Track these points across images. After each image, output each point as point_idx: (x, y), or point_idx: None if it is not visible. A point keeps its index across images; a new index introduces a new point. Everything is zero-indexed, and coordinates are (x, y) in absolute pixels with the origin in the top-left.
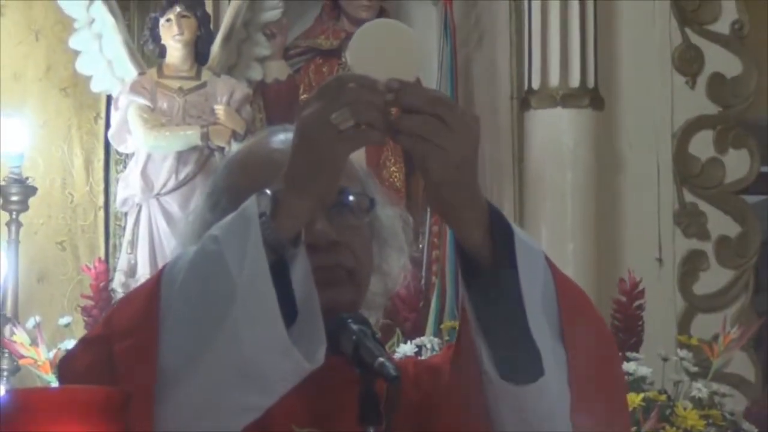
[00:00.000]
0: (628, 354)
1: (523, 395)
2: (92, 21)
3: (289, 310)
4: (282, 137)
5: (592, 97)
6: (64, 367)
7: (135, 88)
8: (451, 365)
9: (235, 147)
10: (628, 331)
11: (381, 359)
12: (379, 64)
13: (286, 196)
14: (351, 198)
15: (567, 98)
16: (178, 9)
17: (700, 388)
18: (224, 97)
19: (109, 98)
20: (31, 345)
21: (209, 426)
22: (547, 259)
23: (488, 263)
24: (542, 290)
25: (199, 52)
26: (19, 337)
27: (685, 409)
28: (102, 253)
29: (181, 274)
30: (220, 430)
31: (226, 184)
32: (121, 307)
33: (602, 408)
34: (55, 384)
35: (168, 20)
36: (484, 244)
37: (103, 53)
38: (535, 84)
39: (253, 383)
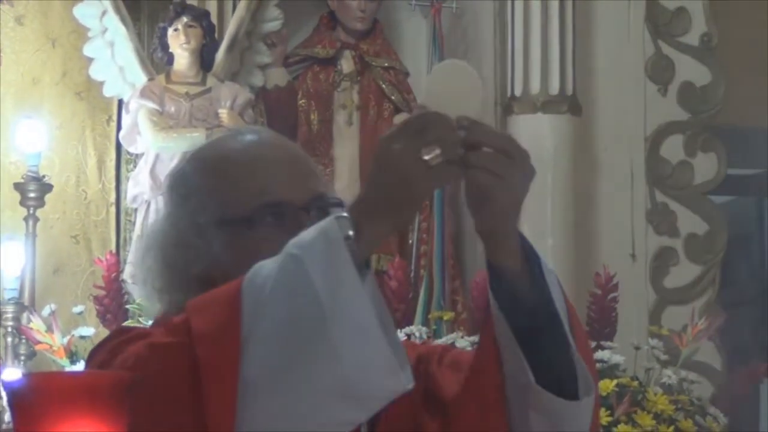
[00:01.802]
0: (603, 343)
1: (571, 409)
2: (105, 30)
3: None
4: (255, 137)
5: (571, 103)
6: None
7: (145, 93)
8: (470, 370)
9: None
10: (603, 322)
11: None
12: (450, 102)
13: (365, 222)
14: (329, 203)
15: (547, 104)
16: (185, 19)
17: (670, 375)
18: (228, 102)
19: (120, 102)
20: (46, 332)
21: None
22: (559, 281)
23: (525, 287)
24: (563, 309)
25: (204, 59)
26: (35, 324)
27: (655, 394)
28: (113, 247)
29: (265, 291)
30: None
31: (210, 185)
32: (199, 316)
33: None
34: (69, 368)
35: (176, 30)
36: (519, 268)
37: (115, 60)
38: (518, 91)
39: (352, 400)
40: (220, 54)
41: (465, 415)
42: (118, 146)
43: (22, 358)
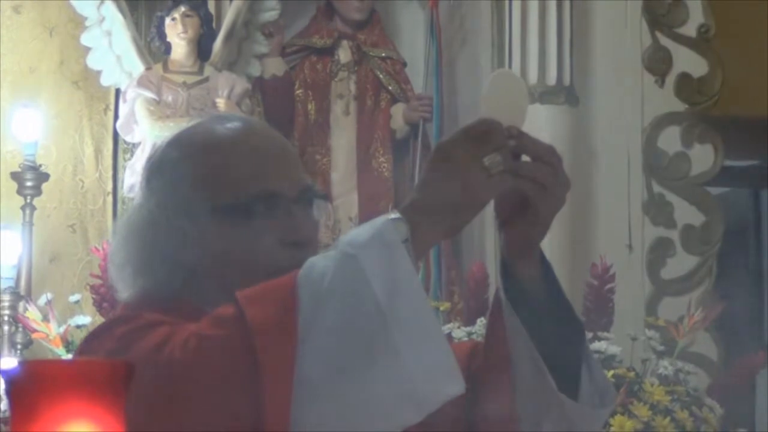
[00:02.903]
0: (599, 333)
1: (600, 416)
2: (103, 19)
3: None
4: (237, 124)
5: (568, 94)
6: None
7: (142, 82)
8: (480, 371)
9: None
10: (600, 313)
11: None
12: (504, 111)
13: (421, 225)
14: (316, 195)
15: (544, 95)
16: (182, 9)
17: (666, 366)
18: (225, 91)
19: (117, 91)
20: (43, 320)
21: None
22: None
23: (541, 293)
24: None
25: (202, 49)
26: (32, 313)
27: (652, 385)
28: (110, 236)
29: (323, 288)
30: None
31: (201, 173)
32: (254, 309)
33: None
34: (66, 357)
35: (173, 19)
36: (537, 275)
37: (113, 49)
38: None
39: (411, 403)
40: (218, 44)
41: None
42: (115, 135)
43: (19, 347)
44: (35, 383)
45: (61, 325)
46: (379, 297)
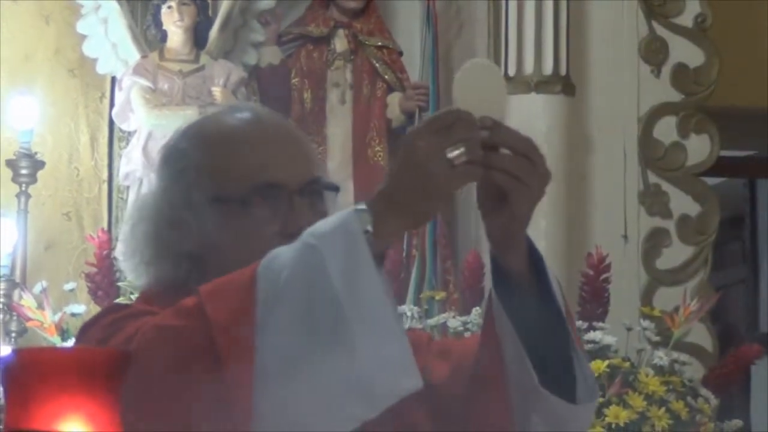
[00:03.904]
0: (595, 324)
1: (579, 412)
2: (98, 7)
3: None
4: (246, 115)
5: (564, 83)
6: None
7: (138, 70)
8: (474, 363)
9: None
10: (595, 302)
11: None
12: (477, 101)
13: (385, 215)
14: (324, 187)
15: (540, 85)
16: None
17: (662, 357)
18: (221, 80)
19: (113, 79)
20: (37, 308)
21: (310, 429)
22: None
23: (529, 287)
24: (565, 310)
25: (198, 37)
26: (26, 301)
27: (647, 375)
28: (105, 224)
29: (282, 279)
30: None
31: (205, 162)
32: (214, 302)
33: None
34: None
35: (169, 7)
36: (525, 269)
37: (109, 37)
38: (511, 71)
39: (364, 397)
40: (214, 32)
41: (470, 407)
42: (111, 123)
43: (13, 335)
44: (30, 371)
45: (56, 313)
46: (337, 288)
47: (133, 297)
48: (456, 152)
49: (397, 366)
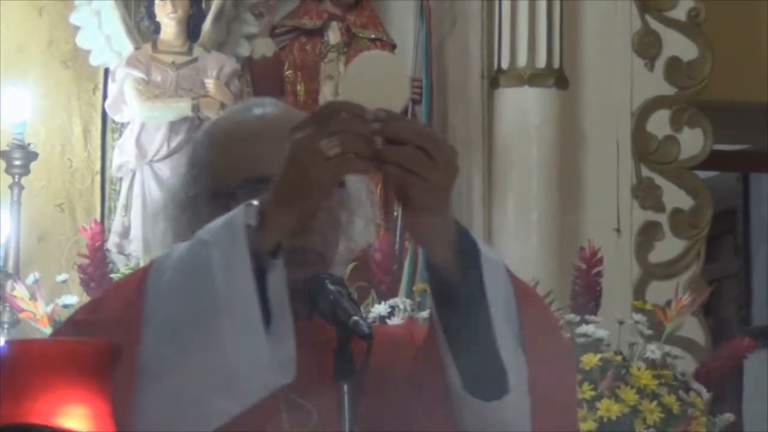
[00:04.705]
0: (587, 317)
1: (487, 410)
2: None
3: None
4: (259, 111)
5: (557, 77)
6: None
7: (131, 62)
8: (425, 360)
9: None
10: (587, 296)
11: (355, 318)
12: (370, 93)
13: (272, 210)
14: None
15: (534, 78)
16: None
17: (654, 350)
18: (214, 72)
19: (106, 71)
20: (30, 300)
21: (183, 426)
22: (507, 270)
23: (457, 281)
24: (505, 301)
25: (191, 29)
26: (19, 292)
27: (639, 369)
28: (98, 215)
29: (168, 274)
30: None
31: (207, 158)
32: (109, 297)
33: (555, 412)
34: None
35: None
36: (452, 262)
37: (102, 29)
38: (505, 64)
39: (232, 391)
40: (207, 24)
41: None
42: (104, 115)
43: (6, 326)
44: (21, 362)
45: (49, 304)
46: (218, 283)
47: None
48: (330, 144)
49: (259, 361)
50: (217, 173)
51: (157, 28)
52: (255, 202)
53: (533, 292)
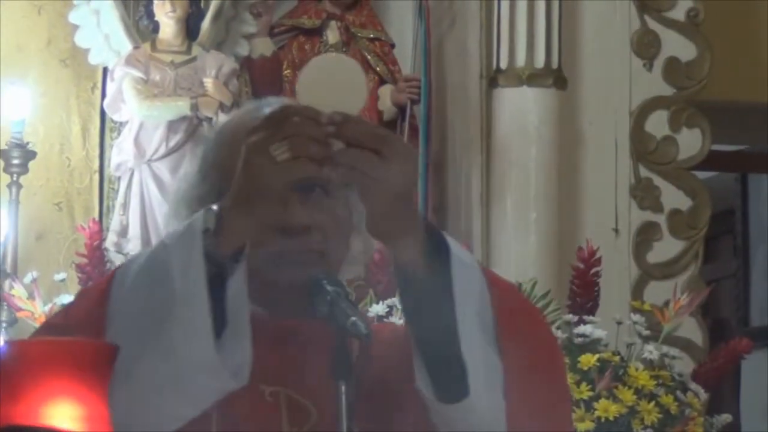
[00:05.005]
0: (585, 317)
1: (450, 412)
2: None
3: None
4: (259, 111)
5: (556, 77)
6: None
7: (130, 61)
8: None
9: (222, 118)
10: (585, 296)
11: (353, 318)
12: (325, 96)
13: (229, 214)
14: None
15: (532, 78)
16: None
17: (652, 351)
18: (213, 71)
19: (105, 70)
20: (28, 299)
21: (149, 427)
22: (485, 271)
23: (424, 280)
24: (478, 304)
25: (190, 28)
26: (17, 291)
27: (637, 369)
28: (96, 214)
29: (131, 278)
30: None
31: (214, 159)
32: (79, 301)
33: (541, 415)
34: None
35: None
36: (419, 264)
37: (101, 28)
38: (503, 64)
39: (184, 395)
40: (206, 23)
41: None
42: (103, 114)
43: (4, 325)
44: (20, 362)
45: (47, 303)
46: (176, 287)
47: None
48: (281, 148)
49: (205, 366)
50: (224, 172)
51: (155, 27)
52: (215, 207)
53: (518, 297)
